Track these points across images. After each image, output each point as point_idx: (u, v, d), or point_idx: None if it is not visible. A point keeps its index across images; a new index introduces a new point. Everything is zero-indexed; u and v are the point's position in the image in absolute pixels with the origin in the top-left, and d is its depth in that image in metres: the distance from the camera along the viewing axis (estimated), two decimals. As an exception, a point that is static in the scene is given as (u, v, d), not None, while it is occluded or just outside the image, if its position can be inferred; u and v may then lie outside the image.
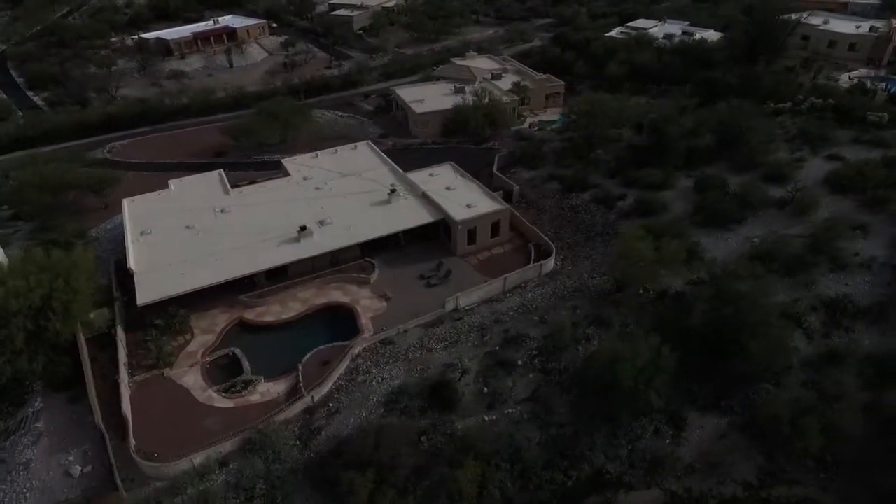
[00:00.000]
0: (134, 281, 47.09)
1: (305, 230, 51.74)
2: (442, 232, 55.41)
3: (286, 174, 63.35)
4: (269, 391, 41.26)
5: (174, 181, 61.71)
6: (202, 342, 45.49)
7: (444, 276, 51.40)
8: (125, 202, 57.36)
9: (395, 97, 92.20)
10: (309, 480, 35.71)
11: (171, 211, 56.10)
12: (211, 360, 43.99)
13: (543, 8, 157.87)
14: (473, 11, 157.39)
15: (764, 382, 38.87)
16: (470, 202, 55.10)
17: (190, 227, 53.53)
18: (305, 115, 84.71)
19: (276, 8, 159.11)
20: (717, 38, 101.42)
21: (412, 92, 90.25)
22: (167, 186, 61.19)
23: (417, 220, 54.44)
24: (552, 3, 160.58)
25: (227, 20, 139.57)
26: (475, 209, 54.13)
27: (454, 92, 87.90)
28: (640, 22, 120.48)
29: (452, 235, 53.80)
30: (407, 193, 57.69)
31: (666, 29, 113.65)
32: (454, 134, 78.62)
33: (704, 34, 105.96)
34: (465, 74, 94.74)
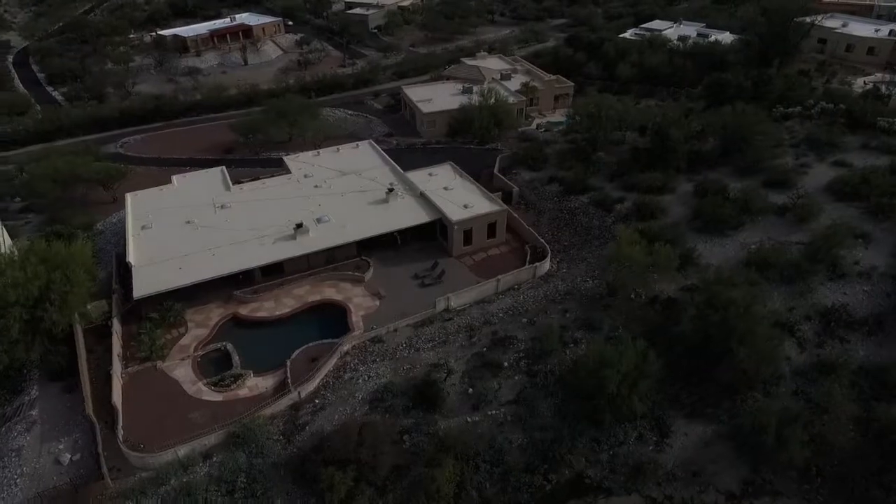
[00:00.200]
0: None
1: (302, 227, 52.21)
2: (439, 232, 55.53)
3: (288, 171, 63.92)
4: (257, 386, 41.73)
5: (177, 176, 62.78)
6: (196, 336, 46.17)
7: (437, 276, 51.50)
8: (128, 196, 58.50)
9: (403, 96, 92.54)
10: (290, 475, 36.01)
11: (172, 206, 57.01)
12: (203, 353, 44.62)
13: (559, 8, 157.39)
14: (489, 11, 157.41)
15: (753, 391, 38.37)
16: (467, 203, 55.14)
17: (190, 222, 54.33)
18: (313, 113, 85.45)
19: (293, 6, 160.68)
20: (732, 40, 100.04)
21: (420, 91, 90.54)
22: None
23: (414, 219, 54.61)
24: (568, 3, 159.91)
25: (243, 18, 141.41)
26: (472, 210, 54.15)
27: (462, 92, 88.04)
28: (655, 23, 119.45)
29: (449, 236, 53.89)
30: (405, 193, 57.91)
31: (681, 31, 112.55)
32: (459, 134, 78.69)
33: (720, 36, 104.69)
34: (474, 74, 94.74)
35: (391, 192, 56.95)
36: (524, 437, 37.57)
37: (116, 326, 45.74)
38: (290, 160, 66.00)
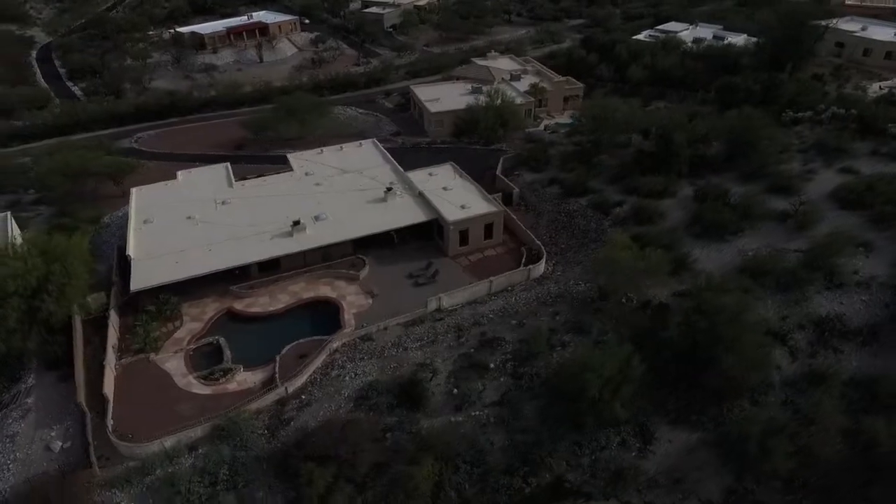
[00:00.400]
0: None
1: (299, 224, 52.72)
2: (436, 232, 55.65)
3: (291, 169, 64.54)
4: (246, 380, 42.26)
5: (182, 172, 63.80)
6: (190, 329, 46.90)
7: (431, 275, 51.63)
8: (133, 191, 59.56)
9: (411, 95, 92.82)
10: (272, 469, 36.42)
11: (175, 201, 57.94)
12: (195, 347, 45.30)
13: (577, 9, 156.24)
14: (506, 11, 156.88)
15: (740, 399, 37.87)
16: (465, 203, 55.17)
17: (191, 217, 55.17)
18: (322, 111, 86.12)
19: (310, 4, 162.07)
20: (749, 43, 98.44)
21: (429, 91, 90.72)
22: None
23: (410, 219, 54.79)
24: (587, 3, 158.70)
25: (260, 16, 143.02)
26: (468, 210, 54.17)
27: (471, 92, 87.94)
28: (670, 25, 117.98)
29: (445, 236, 53.98)
30: (404, 192, 58.12)
31: (697, 33, 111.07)
32: (465, 134, 78.69)
33: (736, 39, 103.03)
34: (484, 75, 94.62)
35: (389, 191, 57.21)
36: (506, 438, 37.52)
37: (113, 318, 46.65)
38: (293, 157, 66.62)
